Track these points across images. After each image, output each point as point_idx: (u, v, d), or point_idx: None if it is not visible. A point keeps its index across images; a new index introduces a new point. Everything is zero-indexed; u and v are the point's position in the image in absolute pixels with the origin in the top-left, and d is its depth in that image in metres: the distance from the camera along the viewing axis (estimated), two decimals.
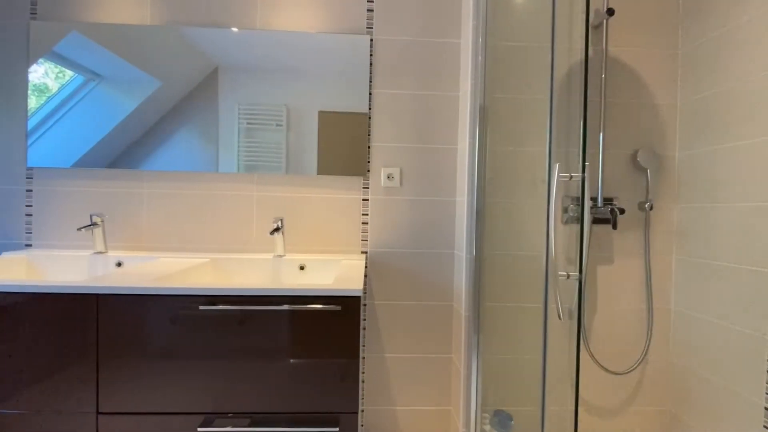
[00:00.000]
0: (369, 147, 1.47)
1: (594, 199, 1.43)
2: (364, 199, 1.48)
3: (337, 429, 0.98)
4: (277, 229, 1.35)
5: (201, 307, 0.95)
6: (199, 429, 0.96)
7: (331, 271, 1.35)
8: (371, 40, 1.46)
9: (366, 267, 1.47)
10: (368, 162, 1.47)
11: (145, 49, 1.41)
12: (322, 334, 0.98)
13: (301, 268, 1.35)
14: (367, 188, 1.48)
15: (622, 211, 1.33)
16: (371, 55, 1.46)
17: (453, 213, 1.49)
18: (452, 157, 1.49)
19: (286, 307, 0.97)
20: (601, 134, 1.42)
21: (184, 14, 1.44)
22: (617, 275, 1.48)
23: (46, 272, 1.32)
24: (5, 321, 0.94)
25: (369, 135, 1.47)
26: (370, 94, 1.46)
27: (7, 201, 1.42)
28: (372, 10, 1.46)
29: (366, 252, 1.48)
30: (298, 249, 1.47)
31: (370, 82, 1.46)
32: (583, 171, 0.84)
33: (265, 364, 0.98)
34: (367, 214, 1.48)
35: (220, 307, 0.95)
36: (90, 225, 1.33)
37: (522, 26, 1.29)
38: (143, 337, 0.96)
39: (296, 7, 1.45)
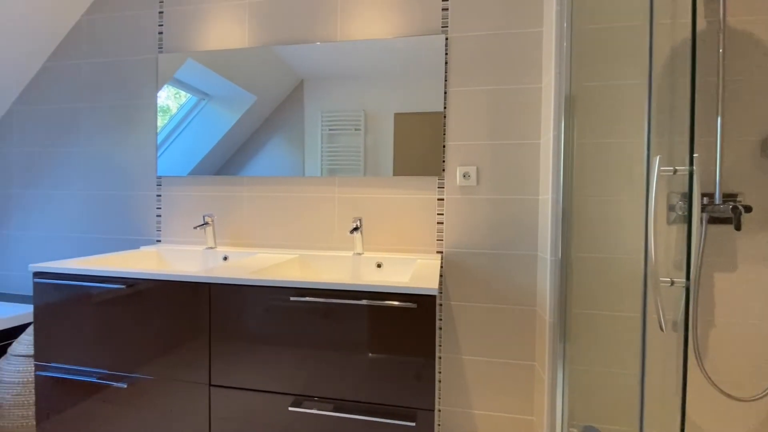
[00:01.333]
0: (444, 146, 1.47)
1: (710, 196, 1.23)
2: (439, 199, 1.48)
3: (414, 424, 1.00)
4: (356, 229, 1.42)
5: (291, 298, 1.05)
6: (290, 408, 1.06)
7: (407, 269, 1.38)
8: (446, 38, 1.45)
9: (441, 267, 1.47)
10: (443, 161, 1.47)
11: (244, 69, 1.60)
12: (398, 331, 1.01)
13: (379, 265, 1.40)
14: (443, 188, 1.47)
15: (748, 209, 1.13)
16: (446, 53, 1.46)
17: (536, 212, 1.41)
18: (534, 152, 1.41)
19: (364, 302, 1.02)
20: (719, 119, 1.22)
21: (275, 35, 1.59)
22: (742, 284, 1.25)
23: (171, 263, 1.57)
24: (142, 302, 1.16)
25: (444, 134, 1.47)
26: (445, 92, 1.46)
27: (144, 204, 1.73)
28: (447, 9, 1.46)
29: (441, 252, 1.48)
30: (376, 247, 1.53)
31: (446, 80, 1.46)
32: (691, 163, 0.73)
33: (346, 355, 1.04)
34: (442, 214, 1.48)
35: (308, 299, 1.04)
36: (203, 224, 1.55)
37: (613, 5, 1.17)
38: (244, 322, 1.09)
39: (373, 17, 1.51)
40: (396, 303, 1.00)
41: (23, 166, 1.86)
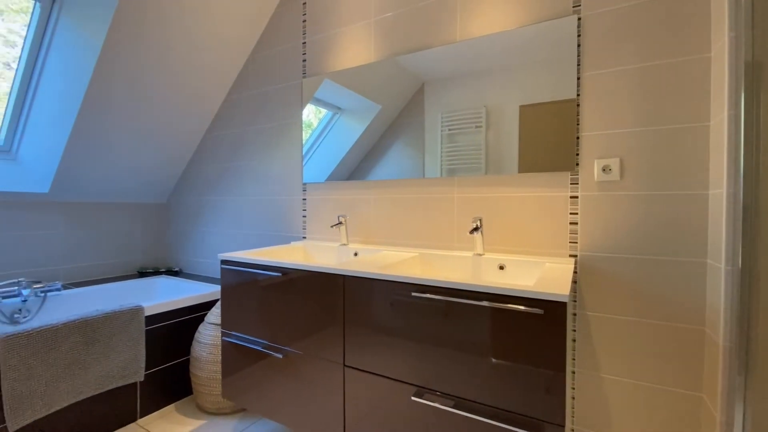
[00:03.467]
0: (578, 137, 1.33)
1: None
2: (572, 197, 1.34)
3: None
4: (476, 229, 1.40)
5: (413, 294, 1.11)
6: (412, 398, 1.12)
7: (532, 273, 1.30)
8: (578, 18, 1.31)
9: (575, 272, 1.33)
10: (577, 155, 1.33)
11: (370, 82, 1.75)
12: (522, 337, 0.97)
13: (501, 267, 1.35)
14: (576, 184, 1.33)
15: None
16: (579, 35, 1.31)
17: (704, 210, 1.15)
18: (701, 137, 1.15)
19: (485, 303, 1.01)
20: None
21: (398, 46, 1.69)
22: None
23: (313, 256, 1.83)
24: (293, 288, 1.38)
25: (578, 124, 1.32)
26: (578, 78, 1.31)
27: (293, 207, 2.05)
28: None
29: (575, 256, 1.34)
30: (497, 249, 1.48)
31: (578, 65, 1.31)
32: None
33: (467, 355, 1.04)
34: (576, 213, 1.33)
35: (428, 295, 1.09)
36: (337, 224, 1.76)
37: None
38: (372, 312, 1.20)
39: (494, 11, 1.47)
40: (520, 307, 0.96)
41: (213, 178, 2.42)
